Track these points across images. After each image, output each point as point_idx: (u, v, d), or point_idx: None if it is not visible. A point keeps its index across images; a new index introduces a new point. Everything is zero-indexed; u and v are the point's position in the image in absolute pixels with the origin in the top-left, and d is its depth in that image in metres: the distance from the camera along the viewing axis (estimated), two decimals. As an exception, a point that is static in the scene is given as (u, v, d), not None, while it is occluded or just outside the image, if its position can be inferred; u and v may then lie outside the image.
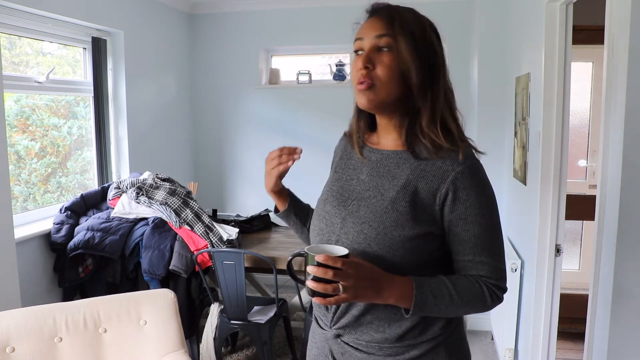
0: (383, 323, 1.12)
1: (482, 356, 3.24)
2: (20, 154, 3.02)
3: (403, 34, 1.07)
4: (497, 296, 1.12)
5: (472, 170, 1.08)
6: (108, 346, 1.94)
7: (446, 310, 1.09)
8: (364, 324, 1.13)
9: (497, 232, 1.12)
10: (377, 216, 1.10)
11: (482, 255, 1.10)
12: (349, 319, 1.14)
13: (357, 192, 1.17)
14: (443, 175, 1.08)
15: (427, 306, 1.06)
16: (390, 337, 1.12)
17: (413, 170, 1.11)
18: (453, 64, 3.88)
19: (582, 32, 2.93)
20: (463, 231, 1.09)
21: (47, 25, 2.99)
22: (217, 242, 2.84)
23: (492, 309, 1.14)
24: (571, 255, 3.87)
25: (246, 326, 2.79)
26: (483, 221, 1.09)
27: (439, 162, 1.10)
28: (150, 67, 3.87)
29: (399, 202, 1.09)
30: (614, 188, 1.49)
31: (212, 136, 4.51)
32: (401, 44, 1.07)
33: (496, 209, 1.12)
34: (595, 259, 1.60)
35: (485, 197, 1.10)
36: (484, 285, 1.10)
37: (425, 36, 1.11)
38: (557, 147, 2.33)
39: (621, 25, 1.44)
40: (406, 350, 1.12)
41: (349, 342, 1.16)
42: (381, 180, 1.14)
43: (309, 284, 1.00)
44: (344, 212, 1.15)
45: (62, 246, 2.87)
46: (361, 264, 1.03)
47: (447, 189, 1.08)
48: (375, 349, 1.13)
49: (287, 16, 4.21)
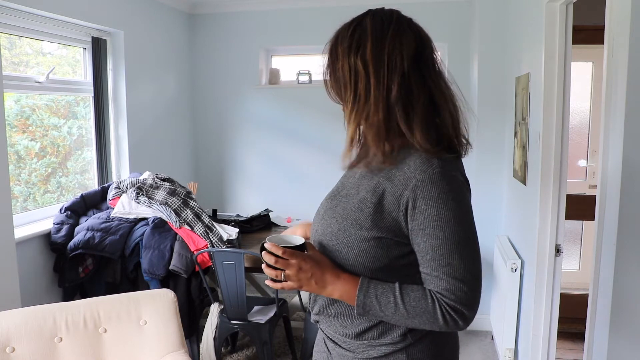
0: (346, 318, 1.15)
1: (482, 356, 3.24)
2: (20, 154, 3.02)
3: (330, 61, 1.18)
4: (452, 318, 1.02)
5: (433, 179, 1.02)
6: (108, 346, 1.94)
7: (393, 318, 1.06)
8: (332, 315, 1.17)
9: (460, 248, 1.02)
10: (345, 213, 1.13)
11: (438, 270, 1.02)
12: (318, 308, 1.20)
13: (346, 189, 1.20)
14: (406, 182, 1.05)
15: (371, 310, 1.07)
16: (350, 333, 1.15)
17: (385, 173, 1.11)
18: (453, 64, 3.92)
19: (582, 32, 2.93)
20: (422, 242, 1.04)
21: (47, 25, 2.99)
22: (217, 242, 2.84)
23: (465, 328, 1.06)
24: (571, 255, 3.87)
25: (246, 326, 2.79)
26: (441, 234, 1.01)
27: (405, 167, 1.07)
28: (150, 67, 3.87)
29: (365, 203, 1.10)
30: (614, 188, 1.49)
31: (212, 136, 4.51)
32: (325, 74, 1.20)
33: (461, 223, 1.03)
34: (595, 259, 1.60)
35: (447, 209, 1.01)
36: (437, 302, 1.02)
37: (346, 53, 1.14)
38: (557, 147, 2.33)
39: (621, 25, 1.44)
40: (365, 349, 1.14)
41: (323, 330, 1.23)
42: (363, 180, 1.16)
43: (264, 268, 1.12)
44: (327, 206, 1.21)
45: (62, 246, 2.87)
46: (309, 256, 1.10)
47: (407, 197, 1.04)
48: (340, 341, 1.18)
49: (287, 16, 4.21)
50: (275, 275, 1.09)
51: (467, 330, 3.51)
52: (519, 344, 2.86)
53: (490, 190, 3.46)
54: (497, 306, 3.18)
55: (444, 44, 4.00)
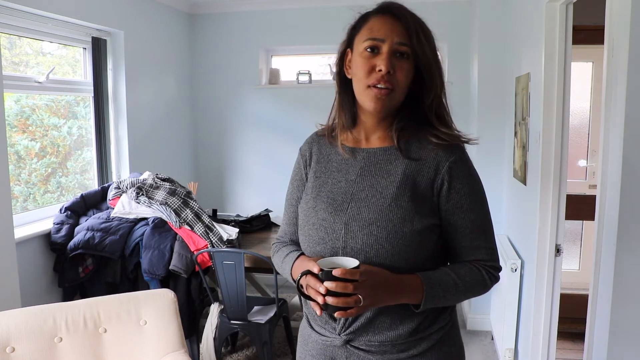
0: (396, 321, 1.12)
1: (482, 356, 3.24)
2: (20, 154, 3.02)
3: (423, 46, 1.10)
4: (494, 276, 1.15)
5: (463, 159, 1.14)
6: (108, 346, 1.94)
7: (452, 299, 1.12)
8: (377, 324, 1.13)
9: (489, 215, 1.17)
10: (382, 215, 1.09)
11: (478, 240, 1.14)
12: (362, 321, 1.13)
13: (350, 194, 1.15)
14: (438, 166, 1.12)
15: (435, 298, 1.08)
16: (403, 333, 1.13)
17: (408, 164, 1.13)
18: (453, 64, 3.92)
19: (582, 32, 2.93)
20: (459, 219, 1.12)
21: (47, 25, 2.99)
22: (217, 242, 2.84)
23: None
24: (571, 255, 3.87)
25: (246, 326, 2.79)
26: (477, 207, 1.14)
27: (432, 154, 1.13)
28: (150, 67, 3.87)
29: (401, 198, 1.10)
30: (614, 188, 1.49)
31: (212, 136, 4.51)
32: (427, 54, 1.10)
33: (484, 193, 1.18)
34: (595, 259, 1.60)
35: (477, 184, 1.15)
36: (482, 268, 1.13)
37: (436, 49, 1.14)
38: (557, 147, 2.33)
39: (621, 25, 1.44)
40: (418, 344, 1.14)
41: (359, 346, 1.14)
42: (375, 178, 1.14)
43: (329, 300, 0.99)
44: (345, 217, 1.12)
45: (62, 246, 2.87)
46: (373, 270, 1.04)
47: (442, 179, 1.12)
48: (388, 347, 1.13)
49: (287, 16, 4.21)
50: (353, 302, 0.99)
51: (467, 330, 3.53)
52: (519, 344, 2.86)
53: (490, 190, 3.41)
54: (497, 306, 3.19)
55: (444, 44, 4.00)
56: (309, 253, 1.18)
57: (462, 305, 3.89)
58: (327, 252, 1.12)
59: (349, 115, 1.20)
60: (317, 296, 1.01)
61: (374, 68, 1.09)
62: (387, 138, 1.17)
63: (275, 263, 1.30)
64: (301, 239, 1.21)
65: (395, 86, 1.10)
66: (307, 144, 1.31)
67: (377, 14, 1.13)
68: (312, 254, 1.16)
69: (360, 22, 1.15)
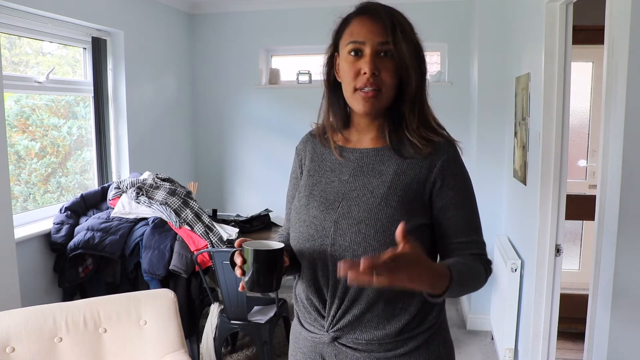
0: (383, 320, 1.13)
1: (482, 356, 3.24)
2: (20, 154, 3.02)
3: (405, 42, 1.09)
4: (490, 268, 1.17)
5: (455, 157, 1.15)
6: (108, 346, 1.94)
7: (462, 291, 1.08)
8: (364, 322, 1.13)
9: (477, 210, 1.19)
10: (371, 214, 1.10)
11: (473, 234, 1.15)
12: (350, 319, 1.13)
13: (342, 193, 1.16)
14: (430, 165, 1.13)
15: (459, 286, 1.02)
16: (390, 333, 1.13)
17: (400, 163, 1.14)
18: (453, 64, 3.92)
19: (582, 32, 2.93)
20: (454, 215, 1.13)
21: (47, 25, 2.99)
22: (217, 242, 2.84)
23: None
24: (571, 255, 3.87)
25: (246, 326, 2.79)
26: (470, 203, 1.16)
27: (425, 152, 1.13)
28: (150, 67, 3.87)
29: (391, 198, 1.10)
30: (614, 188, 1.49)
31: (212, 136, 4.51)
32: (404, 52, 1.09)
33: (473, 188, 1.19)
34: (595, 259, 1.60)
35: (468, 180, 1.17)
36: (480, 261, 1.14)
37: (418, 42, 1.13)
38: (557, 147, 2.33)
39: (621, 25, 1.44)
40: (405, 343, 1.14)
41: (346, 344, 1.15)
42: (367, 178, 1.15)
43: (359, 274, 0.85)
44: (335, 215, 1.13)
45: (62, 246, 2.87)
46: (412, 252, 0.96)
47: (435, 177, 1.12)
48: (375, 345, 1.14)
49: (287, 16, 4.21)
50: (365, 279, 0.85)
51: (467, 330, 3.53)
52: (519, 344, 2.86)
53: (490, 190, 3.45)
54: (497, 306, 3.18)
55: (444, 44, 4.00)
56: (297, 249, 1.19)
57: (462, 305, 3.89)
58: (315, 249, 1.14)
59: (340, 118, 1.22)
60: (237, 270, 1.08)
61: (359, 71, 1.10)
62: (380, 138, 1.18)
63: None
64: (292, 235, 1.22)
65: (382, 86, 1.10)
66: (302, 143, 1.33)
67: (357, 16, 1.14)
68: (301, 250, 1.18)
69: (342, 26, 1.16)
